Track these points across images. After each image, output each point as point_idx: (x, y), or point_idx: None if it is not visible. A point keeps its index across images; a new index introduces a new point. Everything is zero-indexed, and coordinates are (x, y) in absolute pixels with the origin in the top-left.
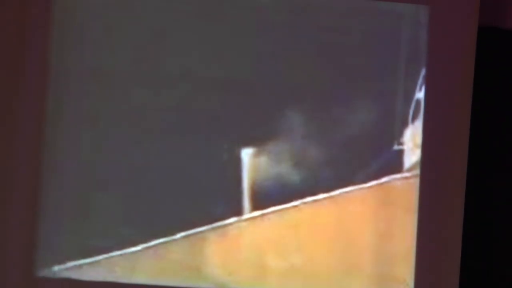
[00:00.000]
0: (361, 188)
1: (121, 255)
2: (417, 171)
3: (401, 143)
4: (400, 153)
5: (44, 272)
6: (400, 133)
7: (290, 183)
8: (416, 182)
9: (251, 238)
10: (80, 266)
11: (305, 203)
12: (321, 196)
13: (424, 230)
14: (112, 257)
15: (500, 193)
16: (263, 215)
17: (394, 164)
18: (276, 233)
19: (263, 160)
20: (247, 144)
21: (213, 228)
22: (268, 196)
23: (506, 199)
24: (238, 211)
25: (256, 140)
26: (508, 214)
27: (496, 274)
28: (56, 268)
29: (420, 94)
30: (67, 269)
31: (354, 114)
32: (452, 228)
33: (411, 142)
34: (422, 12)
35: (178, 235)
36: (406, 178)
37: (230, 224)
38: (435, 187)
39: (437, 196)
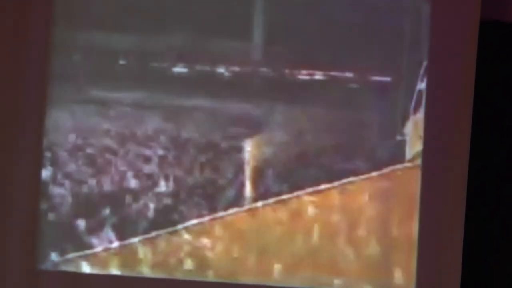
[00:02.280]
0: (363, 178)
1: (122, 247)
2: (418, 161)
3: (403, 134)
4: (402, 143)
5: (45, 265)
6: (402, 124)
7: (293, 173)
8: (418, 172)
9: (254, 228)
10: (81, 258)
11: (307, 193)
12: (323, 186)
13: (426, 220)
14: (112, 249)
15: (502, 184)
16: (266, 205)
17: (396, 154)
18: (280, 223)
19: (266, 149)
20: (250, 133)
21: (216, 219)
22: (271, 186)
23: (508, 190)
24: (241, 202)
25: (259, 129)
26: (510, 204)
27: (498, 264)
28: (56, 260)
29: (422, 86)
30: (67, 261)
31: (356, 105)
32: (454, 218)
33: (413, 133)
34: (424, 5)
35: (180, 226)
36: (408, 168)
37: (234, 214)
38: (437, 177)
39: (439, 186)
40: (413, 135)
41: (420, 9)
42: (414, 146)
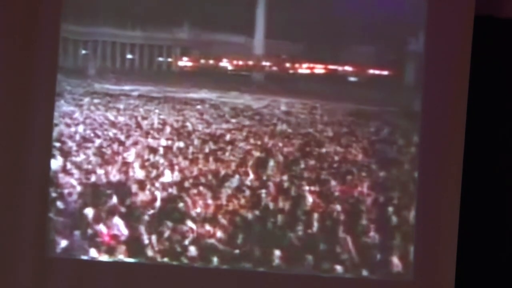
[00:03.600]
0: (362, 169)
1: (129, 234)
2: (416, 153)
3: (401, 126)
4: (401, 135)
5: (54, 252)
6: (401, 116)
7: (294, 163)
8: (415, 163)
9: (256, 217)
10: (89, 245)
11: (308, 183)
12: (323, 176)
13: (422, 210)
14: (119, 236)
15: (496, 175)
16: (268, 194)
17: (395, 145)
18: (281, 212)
19: (268, 140)
20: (252, 125)
21: (219, 207)
22: (273, 176)
23: (502, 181)
24: (244, 191)
25: (261, 121)
26: (503, 195)
27: (492, 254)
28: (66, 248)
29: (419, 79)
30: (76, 248)
31: (355, 98)
32: (449, 208)
33: (410, 125)
34: (421, 2)
35: (185, 214)
36: (405, 159)
37: (236, 203)
38: (433, 168)
39: (435, 177)
40: (410, 127)
41: (417, 5)
42: (412, 137)
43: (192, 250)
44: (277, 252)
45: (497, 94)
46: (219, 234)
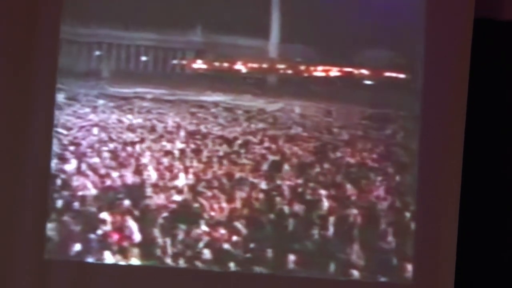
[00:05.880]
0: (378, 173)
1: (142, 238)
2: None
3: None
4: (413, 138)
5: (52, 256)
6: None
7: (309, 167)
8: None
9: (271, 220)
10: (103, 248)
11: (323, 186)
12: (338, 180)
13: (421, 212)
14: (133, 239)
15: (494, 180)
16: (282, 198)
17: (409, 148)
18: (296, 215)
19: (283, 144)
20: (266, 128)
21: (234, 211)
22: (288, 179)
23: (501, 186)
24: (258, 194)
25: (276, 124)
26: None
27: (492, 258)
28: (63, 251)
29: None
30: (90, 252)
31: (371, 101)
32: (448, 210)
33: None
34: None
35: (199, 218)
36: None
37: (251, 206)
38: (432, 176)
39: (434, 181)
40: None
41: (415, 10)
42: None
43: (206, 254)
44: (292, 256)
45: (497, 96)
46: (233, 237)
